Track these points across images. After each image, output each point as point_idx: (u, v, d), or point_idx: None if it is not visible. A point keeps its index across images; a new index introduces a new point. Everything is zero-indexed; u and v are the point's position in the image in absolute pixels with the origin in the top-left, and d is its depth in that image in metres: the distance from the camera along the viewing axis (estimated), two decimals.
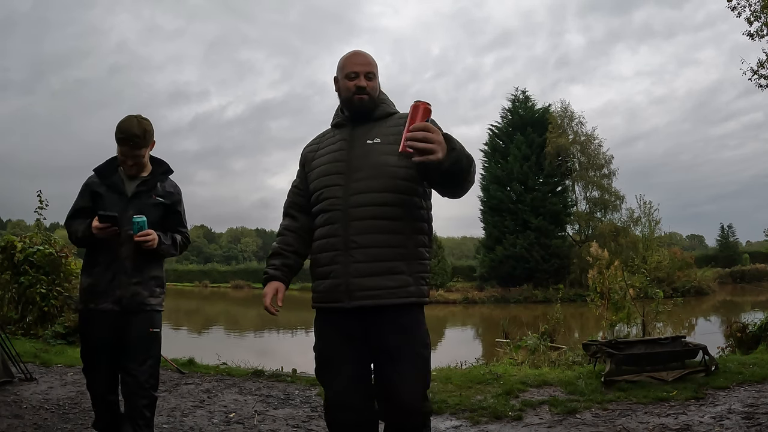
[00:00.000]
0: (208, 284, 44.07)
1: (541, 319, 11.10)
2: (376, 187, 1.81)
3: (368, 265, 1.78)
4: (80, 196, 2.56)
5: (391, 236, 1.80)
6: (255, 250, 74.63)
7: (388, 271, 1.78)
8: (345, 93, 1.94)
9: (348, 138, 1.92)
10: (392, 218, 1.81)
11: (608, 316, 7.55)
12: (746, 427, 3.08)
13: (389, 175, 1.82)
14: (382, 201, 1.80)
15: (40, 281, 6.81)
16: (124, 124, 2.45)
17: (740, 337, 6.03)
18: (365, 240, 1.79)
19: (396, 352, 1.80)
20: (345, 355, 1.85)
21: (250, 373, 5.03)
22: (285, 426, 3.42)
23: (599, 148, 27.77)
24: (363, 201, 1.81)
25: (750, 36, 7.53)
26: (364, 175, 1.83)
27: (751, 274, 29.16)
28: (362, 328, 1.82)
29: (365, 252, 1.78)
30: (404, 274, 1.80)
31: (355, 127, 1.94)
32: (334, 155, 1.92)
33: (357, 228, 1.80)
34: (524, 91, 29.84)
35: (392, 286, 1.78)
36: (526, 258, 26.01)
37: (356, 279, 1.78)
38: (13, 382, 4.22)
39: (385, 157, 1.83)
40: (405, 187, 1.83)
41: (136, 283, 2.48)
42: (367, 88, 1.90)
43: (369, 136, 1.89)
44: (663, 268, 20.04)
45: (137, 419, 2.39)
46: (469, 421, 3.45)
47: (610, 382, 4.13)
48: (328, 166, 1.91)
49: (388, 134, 1.87)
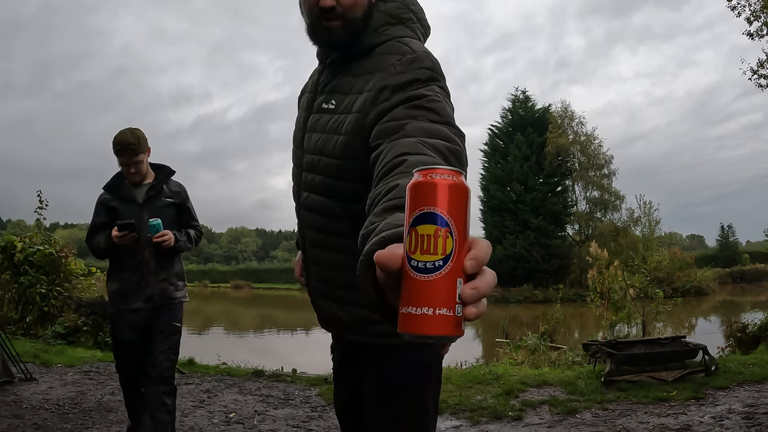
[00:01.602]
0: (208, 284, 44.03)
1: (541, 319, 11.10)
2: (318, 185, 1.24)
3: (323, 289, 1.31)
4: (96, 214, 2.79)
5: (337, 255, 1.25)
6: (255, 250, 74.62)
7: (342, 300, 1.25)
8: (308, 14, 1.19)
9: (314, 91, 1.31)
10: (337, 234, 1.23)
11: (608, 316, 7.55)
12: (746, 427, 3.08)
13: (333, 169, 1.19)
14: (326, 209, 1.23)
15: (40, 281, 6.81)
16: (118, 136, 2.68)
17: (740, 337, 6.02)
18: (316, 255, 1.30)
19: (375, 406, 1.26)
20: (340, 378, 1.43)
21: (250, 373, 5.03)
22: (285, 426, 3.42)
23: (599, 148, 27.80)
24: (308, 204, 1.28)
25: (750, 36, 7.55)
26: (309, 163, 1.26)
27: (751, 274, 29.14)
28: (356, 358, 1.33)
29: (317, 270, 1.32)
30: (361, 307, 1.17)
31: (324, 71, 1.30)
32: (297, 119, 1.37)
33: (309, 236, 1.31)
34: (524, 91, 29.85)
35: (349, 322, 1.25)
36: (526, 258, 26.00)
37: (318, 301, 1.34)
38: (13, 382, 4.22)
39: (329, 138, 1.20)
40: (354, 189, 1.15)
41: (162, 279, 2.73)
42: (337, 9, 1.15)
43: (330, 92, 1.25)
44: (663, 268, 20.02)
45: (159, 406, 2.57)
46: (469, 421, 3.45)
47: (610, 382, 4.13)
48: (293, 135, 1.37)
49: (353, 91, 1.18)
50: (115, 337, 2.82)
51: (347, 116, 1.16)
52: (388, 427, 1.24)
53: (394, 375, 1.22)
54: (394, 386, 1.22)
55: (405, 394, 1.22)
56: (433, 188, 0.53)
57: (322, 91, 1.28)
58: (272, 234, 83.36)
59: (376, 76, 1.13)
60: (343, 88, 1.21)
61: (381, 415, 1.24)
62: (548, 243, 26.26)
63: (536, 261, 25.90)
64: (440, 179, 0.53)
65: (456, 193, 0.53)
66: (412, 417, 1.22)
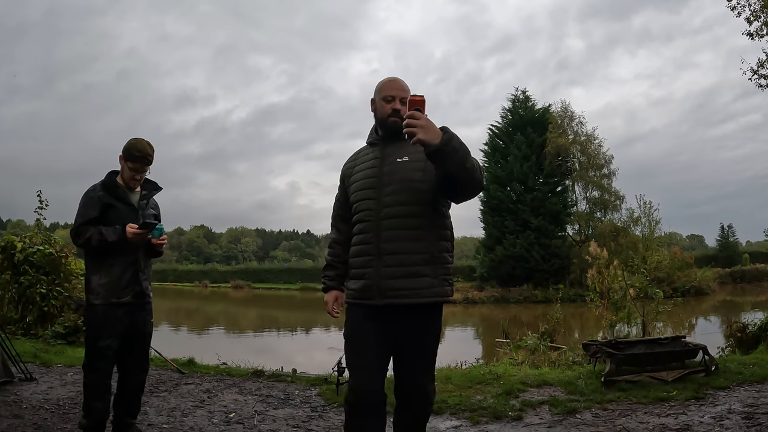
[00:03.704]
0: (208, 284, 44.03)
1: (541, 319, 11.11)
2: (403, 200, 2.08)
3: (396, 269, 2.05)
4: (91, 208, 2.84)
5: (416, 243, 2.07)
6: (255, 250, 74.58)
7: (414, 275, 2.05)
8: (381, 113, 2.20)
9: (380, 156, 2.19)
10: (417, 228, 2.07)
11: (608, 316, 7.55)
12: (746, 427, 3.08)
13: (415, 190, 2.08)
14: (409, 213, 2.07)
15: (40, 281, 6.81)
16: (140, 144, 2.90)
17: (740, 337, 6.02)
18: (394, 247, 2.07)
19: (415, 346, 2.13)
20: (372, 346, 2.11)
21: (250, 373, 5.03)
22: (285, 426, 3.43)
23: (599, 148, 27.77)
24: (392, 213, 2.08)
25: (750, 35, 7.52)
26: (393, 189, 2.10)
27: (751, 274, 29.16)
28: (391, 323, 2.10)
29: (394, 257, 2.06)
30: (429, 276, 2.06)
31: (387, 146, 2.20)
32: (368, 171, 2.19)
33: (387, 236, 2.08)
34: (524, 91, 29.82)
35: (417, 288, 2.05)
36: (526, 258, 25.99)
37: (386, 281, 2.06)
38: (13, 382, 4.22)
39: (411, 173, 2.09)
40: (428, 199, 2.09)
41: (146, 279, 2.96)
42: (400, 112, 2.13)
43: (398, 154, 2.14)
44: (663, 268, 19.99)
45: (137, 392, 3.01)
46: (469, 421, 3.45)
47: (610, 382, 4.13)
48: (363, 182, 2.19)
49: (415, 152, 2.07)
50: (104, 333, 2.80)
51: (419, 162, 2.08)
52: (426, 351, 2.16)
53: (426, 322, 2.14)
54: (426, 326, 2.14)
55: (434, 332, 2.18)
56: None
57: (385, 154, 2.19)
58: (272, 234, 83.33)
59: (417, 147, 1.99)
60: (406, 151, 2.14)
61: (423, 344, 2.15)
62: (548, 243, 26.24)
63: (536, 261, 25.89)
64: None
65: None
66: (434, 346, 2.20)
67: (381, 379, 2.12)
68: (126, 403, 2.98)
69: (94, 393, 2.80)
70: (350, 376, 2.20)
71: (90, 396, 2.81)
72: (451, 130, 1.87)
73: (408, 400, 2.18)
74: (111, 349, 2.82)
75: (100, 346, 2.80)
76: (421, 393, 2.17)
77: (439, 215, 2.14)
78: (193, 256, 66.53)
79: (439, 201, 2.12)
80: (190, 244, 71.81)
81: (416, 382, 2.16)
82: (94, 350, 2.82)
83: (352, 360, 2.16)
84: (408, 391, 2.18)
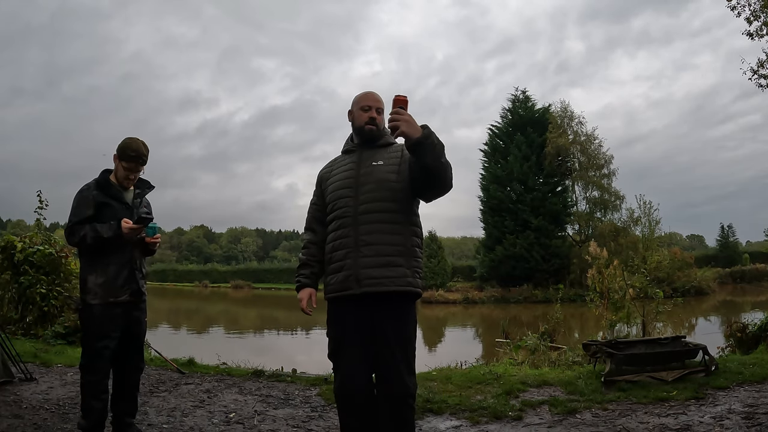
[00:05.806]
0: (208, 284, 44.07)
1: (541, 319, 11.10)
2: (380, 197, 2.27)
3: (374, 259, 2.21)
4: (85, 207, 2.83)
5: (392, 236, 2.24)
6: (255, 250, 74.60)
7: (390, 264, 2.21)
8: (358, 122, 2.42)
9: (357, 160, 2.39)
10: (393, 222, 2.25)
11: (608, 316, 7.54)
12: (746, 427, 3.08)
13: (391, 189, 2.28)
14: (386, 208, 2.26)
15: (40, 281, 6.80)
16: (135, 144, 2.89)
17: (740, 337, 6.02)
18: (372, 239, 2.23)
19: (391, 333, 2.22)
20: (354, 338, 2.24)
21: (250, 373, 5.03)
22: (285, 426, 3.42)
23: (599, 148, 27.78)
24: (370, 209, 2.26)
25: (749, 35, 7.51)
26: (370, 188, 2.29)
27: (751, 274, 29.18)
28: (369, 314, 2.22)
29: (372, 248, 2.22)
30: (403, 267, 2.23)
31: (363, 151, 2.41)
32: (345, 173, 2.38)
33: (365, 230, 2.24)
34: (524, 91, 29.84)
35: (393, 276, 2.20)
36: (526, 258, 25.98)
37: (364, 270, 2.20)
38: (13, 382, 4.22)
39: (386, 174, 2.31)
40: (402, 198, 2.28)
41: (141, 277, 2.99)
42: (376, 120, 2.39)
43: (374, 159, 2.36)
44: (663, 268, 19.98)
45: (133, 390, 3.02)
46: (469, 421, 3.45)
47: (610, 382, 4.13)
48: (341, 182, 2.36)
49: (389, 158, 2.35)
50: (99, 333, 2.79)
51: (392, 165, 2.33)
52: (403, 340, 2.24)
53: (402, 312, 2.27)
54: (402, 316, 2.26)
55: (410, 321, 2.30)
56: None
57: (361, 158, 2.38)
58: (272, 234, 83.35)
59: (396, 153, 2.37)
60: (381, 156, 2.38)
61: (399, 333, 2.24)
62: (548, 243, 26.24)
63: (536, 261, 25.88)
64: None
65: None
66: (411, 336, 2.29)
67: (366, 370, 2.24)
68: (124, 402, 2.99)
69: (92, 393, 2.80)
70: (336, 370, 2.31)
71: (88, 397, 2.80)
72: (430, 128, 2.07)
73: (388, 390, 2.24)
74: (108, 349, 2.82)
75: (98, 346, 2.79)
76: (399, 383, 2.21)
77: (412, 213, 2.33)
78: (193, 256, 66.55)
79: (412, 201, 2.32)
80: (190, 244, 71.84)
81: (393, 372, 2.21)
82: (92, 351, 2.81)
83: (336, 353, 2.29)
84: (387, 382, 2.24)
